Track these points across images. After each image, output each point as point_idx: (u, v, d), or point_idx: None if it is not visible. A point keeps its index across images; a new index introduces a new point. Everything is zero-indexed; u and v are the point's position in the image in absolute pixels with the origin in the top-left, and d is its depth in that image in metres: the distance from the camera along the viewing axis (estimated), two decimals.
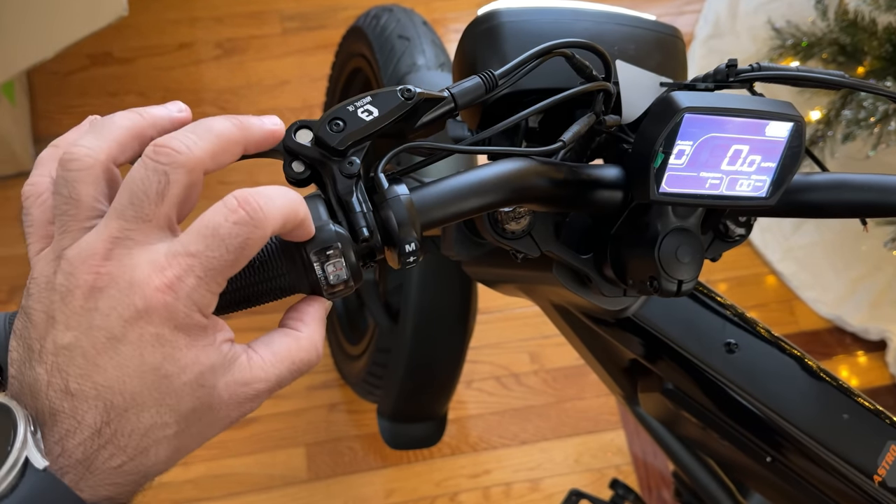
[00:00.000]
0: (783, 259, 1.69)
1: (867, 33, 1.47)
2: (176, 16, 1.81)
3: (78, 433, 0.34)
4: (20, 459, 0.32)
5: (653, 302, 0.63)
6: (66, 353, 0.34)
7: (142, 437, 0.35)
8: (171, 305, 0.34)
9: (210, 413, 0.37)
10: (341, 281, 0.40)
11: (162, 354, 0.35)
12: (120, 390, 0.34)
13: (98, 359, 0.34)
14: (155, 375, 0.35)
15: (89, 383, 0.34)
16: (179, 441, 0.36)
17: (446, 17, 1.89)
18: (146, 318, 0.34)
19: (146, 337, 0.34)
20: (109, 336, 0.34)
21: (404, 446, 1.18)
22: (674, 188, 0.46)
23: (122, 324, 0.34)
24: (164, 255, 0.35)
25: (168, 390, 0.35)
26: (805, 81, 0.51)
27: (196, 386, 0.36)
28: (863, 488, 0.60)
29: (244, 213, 0.35)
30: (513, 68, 0.46)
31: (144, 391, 0.35)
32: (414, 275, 1.01)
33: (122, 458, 0.35)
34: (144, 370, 0.34)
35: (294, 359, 0.39)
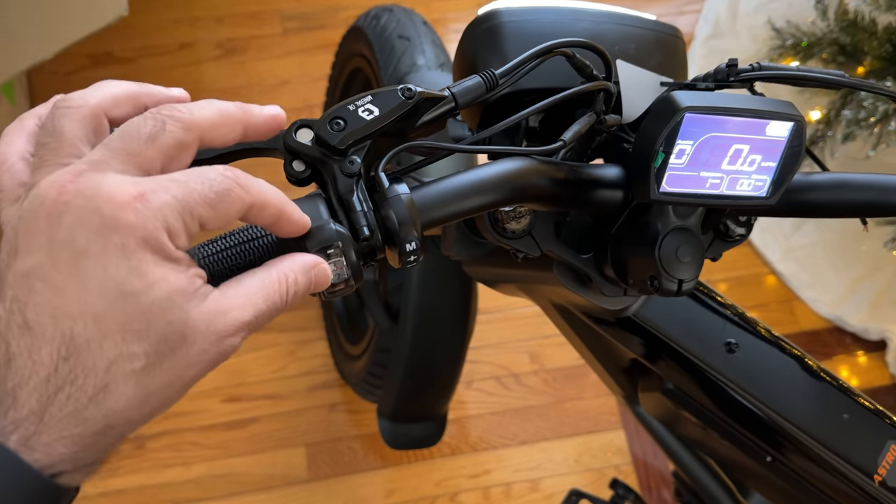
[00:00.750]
0: (783, 259, 1.69)
1: (867, 33, 1.47)
2: (176, 16, 1.81)
3: (33, 378, 0.31)
4: None
5: (653, 301, 0.63)
6: (25, 281, 0.32)
7: (104, 371, 0.32)
8: (140, 215, 0.32)
9: (184, 346, 0.33)
10: (342, 280, 0.40)
11: (127, 268, 0.31)
12: (81, 314, 0.31)
13: (59, 279, 0.31)
14: (120, 292, 0.31)
15: (48, 310, 0.31)
16: (149, 379, 0.33)
17: (446, 17, 1.89)
18: (112, 227, 0.31)
19: (111, 248, 0.31)
20: (72, 251, 0.31)
21: (404, 446, 1.18)
22: (674, 188, 0.46)
23: (86, 235, 0.31)
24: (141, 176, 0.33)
25: (134, 311, 0.32)
26: (805, 81, 0.51)
27: (166, 308, 0.32)
28: (863, 488, 0.60)
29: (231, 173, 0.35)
30: (513, 68, 0.46)
31: (108, 313, 0.31)
32: (414, 275, 1.01)
33: (81, 401, 0.31)
34: (108, 286, 0.31)
35: (267, 290, 0.36)
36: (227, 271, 0.39)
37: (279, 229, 0.38)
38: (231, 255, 0.39)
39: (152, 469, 1.38)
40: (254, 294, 0.36)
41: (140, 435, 1.40)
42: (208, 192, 0.34)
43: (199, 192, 0.33)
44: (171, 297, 0.33)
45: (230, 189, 0.34)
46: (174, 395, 0.34)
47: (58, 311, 0.31)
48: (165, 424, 1.42)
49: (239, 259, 0.39)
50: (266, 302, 0.36)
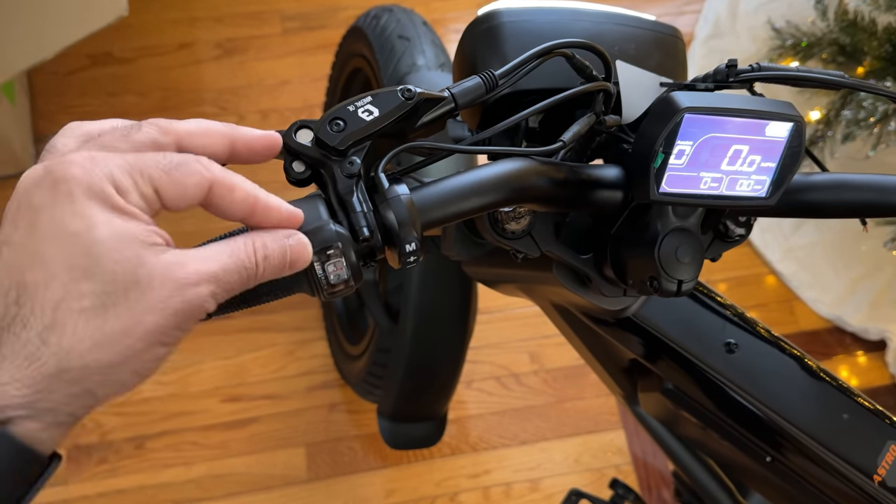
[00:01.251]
0: (783, 259, 1.69)
1: (867, 33, 1.47)
2: (176, 16, 1.81)
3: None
4: None
5: (653, 302, 0.63)
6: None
7: (52, 309, 0.32)
8: (85, 169, 0.33)
9: (138, 289, 0.33)
10: (342, 280, 0.40)
11: (72, 212, 0.33)
12: (31, 261, 0.32)
13: (12, 235, 0.33)
14: (64, 233, 0.32)
15: (3, 265, 0.33)
16: (101, 320, 0.33)
17: (446, 17, 1.89)
18: (60, 180, 0.33)
19: (58, 198, 0.33)
20: (20, 205, 0.34)
21: (404, 446, 1.18)
22: (674, 188, 0.46)
23: (34, 189, 0.33)
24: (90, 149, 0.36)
25: (78, 250, 0.32)
26: (805, 81, 0.51)
27: (112, 248, 0.33)
28: (863, 488, 0.60)
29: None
30: (513, 68, 0.46)
31: (54, 254, 0.32)
32: (414, 275, 1.01)
33: (31, 340, 0.32)
34: (53, 231, 0.33)
35: (233, 248, 0.37)
36: None
37: (260, 220, 0.38)
38: None
39: (152, 469, 1.38)
40: (219, 251, 0.36)
41: (140, 435, 1.40)
42: (163, 159, 0.35)
43: (153, 158, 0.35)
44: (119, 238, 0.33)
45: (187, 161, 0.35)
46: (137, 342, 0.33)
47: (12, 263, 0.33)
48: (165, 424, 1.42)
49: None
50: (232, 258, 0.36)
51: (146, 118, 0.38)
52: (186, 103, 1.70)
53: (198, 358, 1.47)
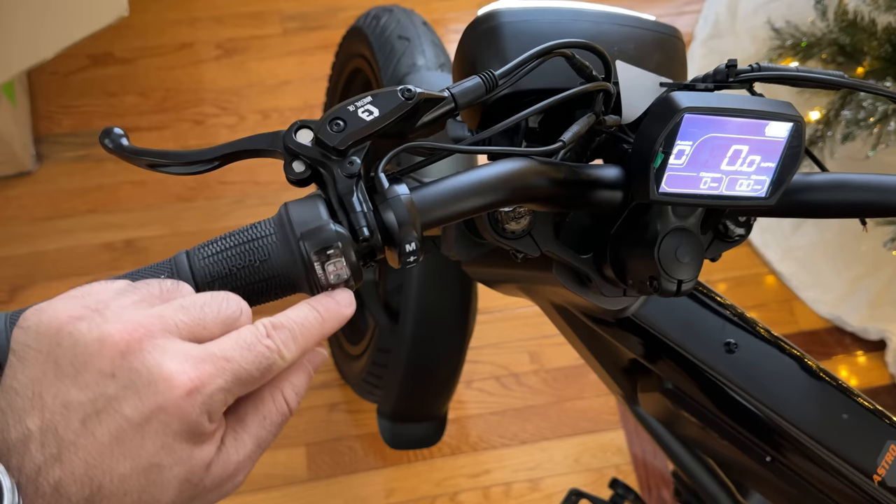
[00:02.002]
0: (783, 259, 1.69)
1: (867, 33, 1.47)
2: (176, 16, 1.81)
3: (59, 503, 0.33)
4: None
5: (652, 302, 0.63)
6: (64, 412, 0.33)
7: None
8: (185, 411, 0.34)
9: (190, 502, 0.36)
10: (342, 280, 0.40)
11: (161, 445, 0.34)
12: (109, 470, 0.33)
13: (98, 431, 0.33)
14: (147, 463, 0.34)
15: (81, 455, 0.33)
16: None
17: (446, 17, 1.89)
18: (157, 414, 0.34)
19: (151, 427, 0.34)
20: (117, 413, 0.33)
21: (404, 446, 1.18)
22: (673, 188, 0.46)
23: (132, 410, 0.33)
24: (199, 351, 0.35)
25: (155, 480, 0.34)
26: (805, 82, 0.51)
27: (183, 481, 0.35)
28: (862, 488, 0.60)
29: (271, 342, 0.37)
30: (513, 68, 0.46)
31: (132, 477, 0.34)
32: (414, 275, 1.01)
33: None
34: (139, 457, 0.34)
35: (269, 421, 0.39)
36: (226, 272, 0.39)
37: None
38: (231, 255, 0.39)
39: None
40: (259, 438, 0.39)
41: None
42: (254, 370, 0.36)
43: (247, 372, 0.36)
44: (193, 473, 0.35)
45: (272, 364, 0.37)
46: None
47: (90, 460, 0.33)
48: None
49: (239, 260, 0.39)
50: (269, 431, 0.39)
51: (146, 118, 0.38)
52: (186, 103, 1.70)
53: None
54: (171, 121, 1.67)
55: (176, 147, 1.62)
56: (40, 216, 1.55)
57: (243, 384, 0.36)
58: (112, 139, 0.45)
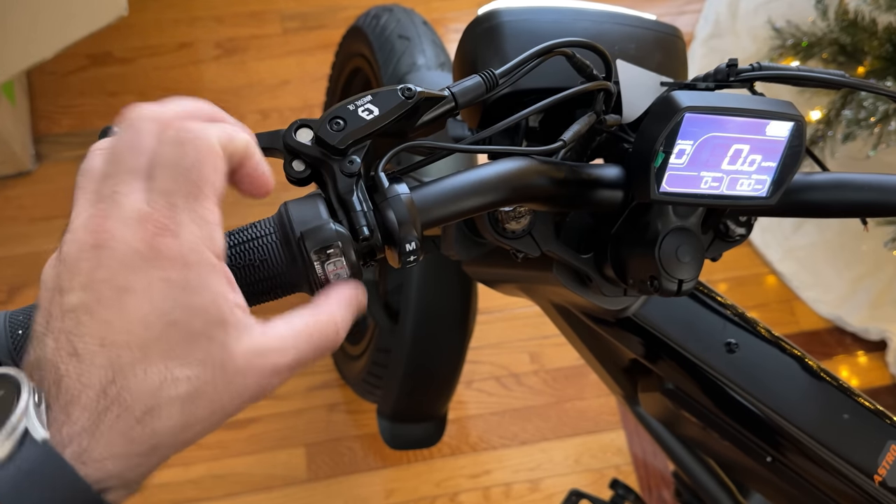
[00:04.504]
0: (783, 259, 1.69)
1: (867, 33, 1.47)
2: (176, 16, 1.81)
3: (83, 396, 0.32)
4: (18, 429, 0.31)
5: (653, 302, 0.63)
6: (72, 315, 0.33)
7: (150, 395, 0.33)
8: (178, 235, 0.34)
9: (224, 376, 0.35)
10: (341, 280, 0.40)
11: (173, 299, 0.33)
12: (126, 343, 0.33)
13: (104, 313, 0.33)
14: (163, 322, 0.33)
15: (95, 340, 0.33)
16: (193, 406, 0.34)
17: (446, 17, 1.89)
18: (153, 260, 0.33)
19: (154, 281, 0.33)
20: (114, 287, 0.33)
21: (404, 446, 1.18)
22: (674, 188, 0.46)
23: (127, 273, 0.33)
24: (144, 202, 0.34)
25: (177, 339, 0.33)
26: (805, 81, 0.51)
27: (206, 338, 0.34)
28: (863, 488, 0.60)
29: (174, 132, 0.36)
30: (513, 67, 0.46)
31: (151, 341, 0.33)
32: (414, 275, 1.01)
33: (129, 421, 0.33)
34: (151, 318, 0.33)
35: (312, 333, 0.38)
36: (235, 278, 0.39)
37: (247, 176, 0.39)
38: (230, 255, 0.39)
39: None
40: (297, 336, 0.38)
41: None
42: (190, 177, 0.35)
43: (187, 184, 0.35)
44: (212, 327, 0.34)
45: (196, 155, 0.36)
46: (216, 423, 0.36)
47: (105, 340, 0.33)
48: None
49: (238, 259, 0.39)
50: (310, 345, 0.38)
51: None
52: None
53: None
54: None
55: None
56: (40, 216, 1.55)
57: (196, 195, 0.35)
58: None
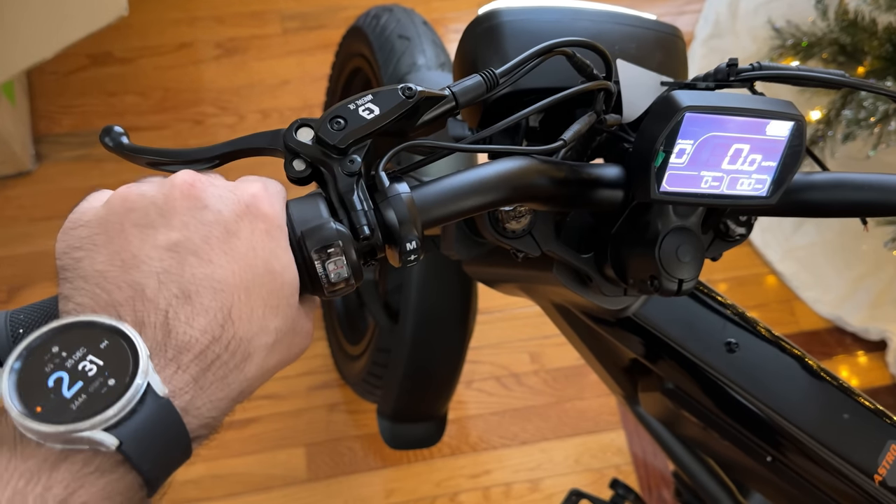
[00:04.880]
0: (783, 259, 1.69)
1: (867, 33, 1.47)
2: (176, 16, 1.80)
3: (194, 346, 0.33)
4: (142, 388, 0.31)
5: (653, 301, 0.63)
6: (172, 255, 0.34)
7: (249, 341, 0.35)
8: (271, 205, 0.37)
9: (292, 334, 0.37)
10: (342, 279, 0.40)
11: (270, 249, 0.36)
12: (236, 286, 0.34)
13: (212, 254, 0.34)
14: (265, 269, 0.35)
15: (206, 283, 0.34)
16: (269, 357, 0.36)
17: (446, 17, 1.89)
18: (254, 214, 0.36)
19: (257, 231, 0.36)
20: (224, 230, 0.35)
21: (404, 446, 1.18)
22: (674, 187, 0.46)
23: (235, 218, 0.35)
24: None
25: (270, 288, 0.35)
26: (805, 81, 0.51)
27: (290, 293, 0.36)
28: (863, 488, 0.60)
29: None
30: (513, 67, 0.46)
31: (256, 286, 0.35)
32: (414, 274, 1.01)
33: (230, 367, 0.34)
34: (257, 263, 0.35)
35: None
36: None
37: None
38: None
39: None
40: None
41: None
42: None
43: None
44: (294, 286, 0.37)
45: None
46: (272, 373, 0.38)
47: (216, 282, 0.34)
48: None
49: None
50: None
51: (146, 118, 0.39)
52: (186, 103, 1.70)
53: None
54: (171, 120, 1.67)
55: (176, 146, 1.62)
56: (40, 216, 1.55)
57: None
58: (112, 138, 0.45)
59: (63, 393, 0.31)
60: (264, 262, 0.35)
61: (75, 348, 0.32)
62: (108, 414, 0.30)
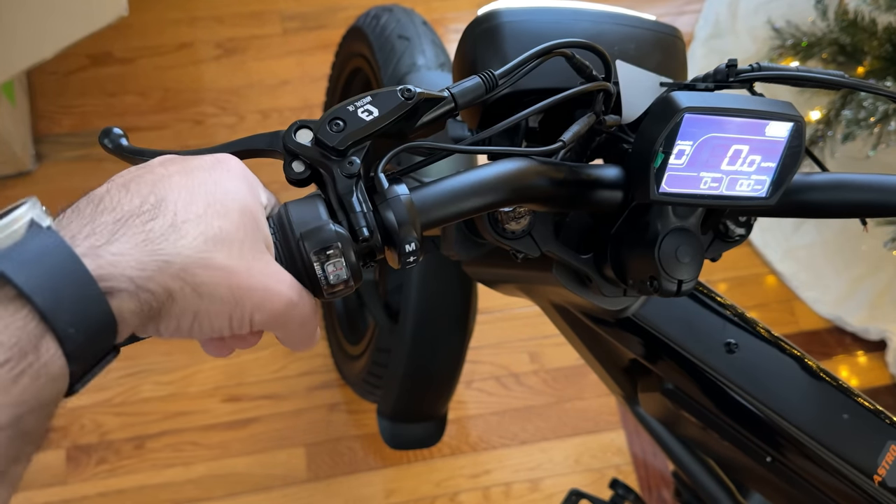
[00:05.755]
0: (783, 259, 1.69)
1: (867, 33, 1.47)
2: (176, 16, 1.80)
3: (116, 210, 0.35)
4: (24, 218, 0.32)
5: (653, 302, 0.63)
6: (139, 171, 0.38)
7: (183, 221, 0.35)
8: (242, 168, 0.40)
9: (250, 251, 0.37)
10: (341, 281, 0.40)
11: (228, 179, 0.38)
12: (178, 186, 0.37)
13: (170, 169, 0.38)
14: (215, 184, 0.38)
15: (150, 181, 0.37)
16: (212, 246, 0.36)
17: (446, 17, 1.89)
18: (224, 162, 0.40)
19: (219, 168, 0.39)
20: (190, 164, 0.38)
21: (404, 446, 1.18)
22: (674, 188, 0.46)
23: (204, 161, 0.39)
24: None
25: (221, 198, 0.37)
26: (805, 81, 0.51)
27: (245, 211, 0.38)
28: (863, 488, 0.60)
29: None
30: (513, 68, 0.46)
31: (201, 191, 0.37)
32: (414, 275, 1.01)
33: (154, 231, 0.35)
34: (207, 181, 0.38)
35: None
36: None
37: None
38: None
39: (152, 469, 1.38)
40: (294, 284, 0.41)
41: (140, 435, 1.40)
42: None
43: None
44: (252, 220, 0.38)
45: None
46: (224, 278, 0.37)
47: (157, 184, 0.37)
48: (165, 424, 1.42)
49: None
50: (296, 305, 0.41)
51: (146, 118, 0.39)
52: (186, 103, 1.70)
53: (198, 358, 1.47)
54: (171, 120, 1.67)
55: (175, 147, 1.62)
56: None
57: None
58: (111, 139, 0.45)
59: None
60: (216, 182, 0.38)
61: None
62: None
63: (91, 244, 0.33)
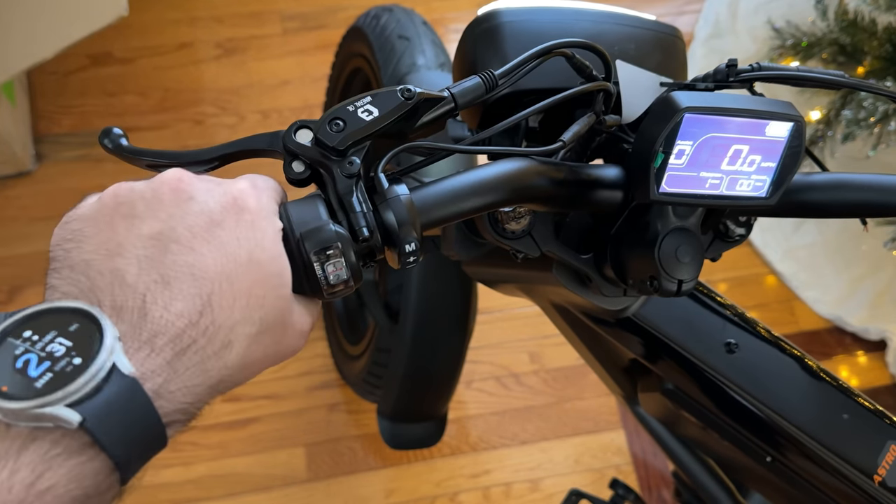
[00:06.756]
0: (783, 259, 1.69)
1: (867, 33, 1.47)
2: (176, 16, 1.80)
3: (170, 329, 0.33)
4: (106, 366, 0.31)
5: (653, 302, 0.63)
6: (155, 242, 0.34)
7: (230, 329, 0.35)
8: (258, 199, 0.37)
9: (281, 328, 0.37)
10: (341, 281, 0.40)
11: (256, 240, 0.36)
12: (217, 274, 0.34)
13: (195, 243, 0.35)
14: (249, 259, 0.36)
15: (186, 270, 0.34)
16: (252, 348, 0.36)
17: (446, 17, 1.89)
18: (241, 206, 0.36)
19: (242, 223, 0.36)
20: (209, 220, 0.35)
21: (404, 446, 1.18)
22: (674, 188, 0.46)
23: (221, 209, 0.36)
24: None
25: (258, 278, 0.36)
26: (805, 81, 0.51)
27: (277, 284, 0.37)
28: (863, 488, 0.60)
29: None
30: (513, 68, 0.46)
31: (239, 275, 0.35)
32: (414, 275, 1.01)
33: (208, 353, 0.34)
34: (240, 253, 0.35)
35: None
36: None
37: None
38: None
39: (151, 469, 1.36)
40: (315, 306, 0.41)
41: None
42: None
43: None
44: (283, 276, 0.37)
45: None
46: (259, 369, 0.38)
47: (196, 271, 0.34)
48: None
49: None
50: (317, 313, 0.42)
51: (146, 118, 0.39)
52: (186, 103, 1.70)
53: None
54: (171, 120, 1.67)
55: (175, 147, 1.62)
56: (40, 216, 1.55)
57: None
58: (111, 139, 0.45)
59: (29, 373, 0.31)
60: (248, 253, 0.36)
61: (46, 332, 0.32)
62: (70, 389, 0.31)
63: (157, 384, 0.33)
